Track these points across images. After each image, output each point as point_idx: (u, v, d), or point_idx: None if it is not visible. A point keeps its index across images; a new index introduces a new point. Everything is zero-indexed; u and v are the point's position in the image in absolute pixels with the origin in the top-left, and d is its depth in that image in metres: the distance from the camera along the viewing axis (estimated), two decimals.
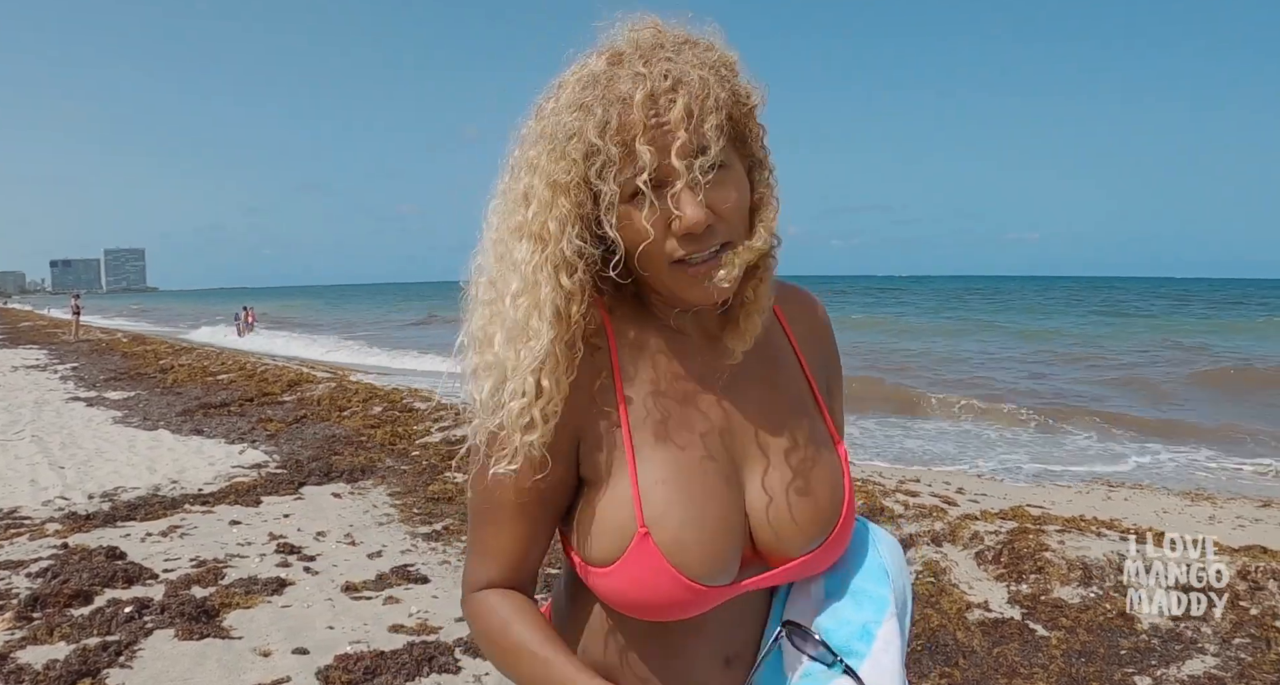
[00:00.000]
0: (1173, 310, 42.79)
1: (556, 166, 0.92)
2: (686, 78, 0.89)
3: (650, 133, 0.88)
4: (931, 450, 9.83)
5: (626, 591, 0.97)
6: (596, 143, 0.89)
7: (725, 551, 0.98)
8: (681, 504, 0.97)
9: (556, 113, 0.93)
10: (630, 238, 0.93)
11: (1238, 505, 6.91)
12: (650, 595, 0.96)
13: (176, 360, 16.31)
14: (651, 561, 0.95)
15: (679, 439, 1.00)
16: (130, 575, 4.61)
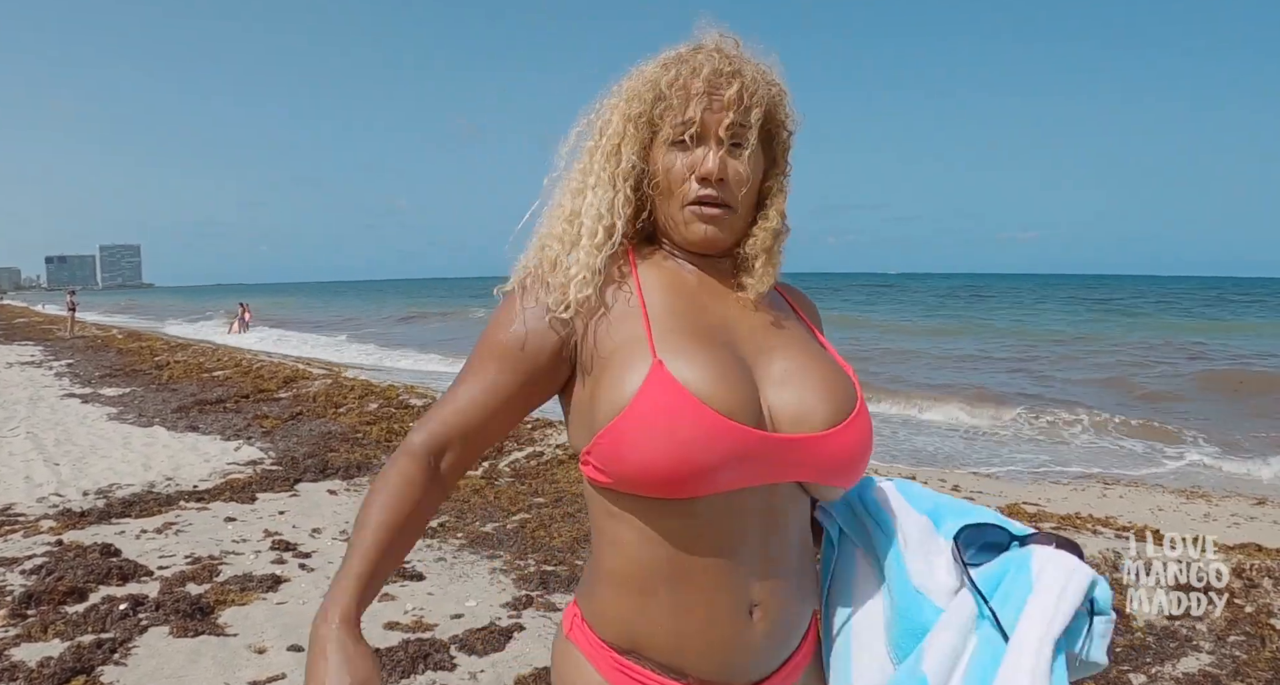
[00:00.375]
0: (1166, 309, 42.84)
1: (632, 104, 1.15)
2: (745, 73, 1.13)
3: (704, 98, 1.11)
4: (925, 449, 9.84)
5: (646, 430, 1.00)
6: (665, 91, 1.12)
7: (741, 390, 1.05)
8: (692, 348, 1.07)
9: (641, 72, 1.17)
10: (663, 170, 1.14)
11: (1233, 503, 6.92)
12: (671, 427, 0.99)
13: (172, 357, 16.27)
14: (667, 386, 1.01)
15: (685, 324, 1.12)
16: (125, 572, 4.61)
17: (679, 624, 1.08)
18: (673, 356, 1.04)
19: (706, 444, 1.00)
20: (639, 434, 1.00)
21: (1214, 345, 22.88)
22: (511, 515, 5.86)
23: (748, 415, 1.04)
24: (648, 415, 1.00)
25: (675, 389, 1.00)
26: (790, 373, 1.12)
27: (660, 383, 1.01)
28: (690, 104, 1.11)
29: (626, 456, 1.01)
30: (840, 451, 1.09)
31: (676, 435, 0.99)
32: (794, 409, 1.08)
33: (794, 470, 1.08)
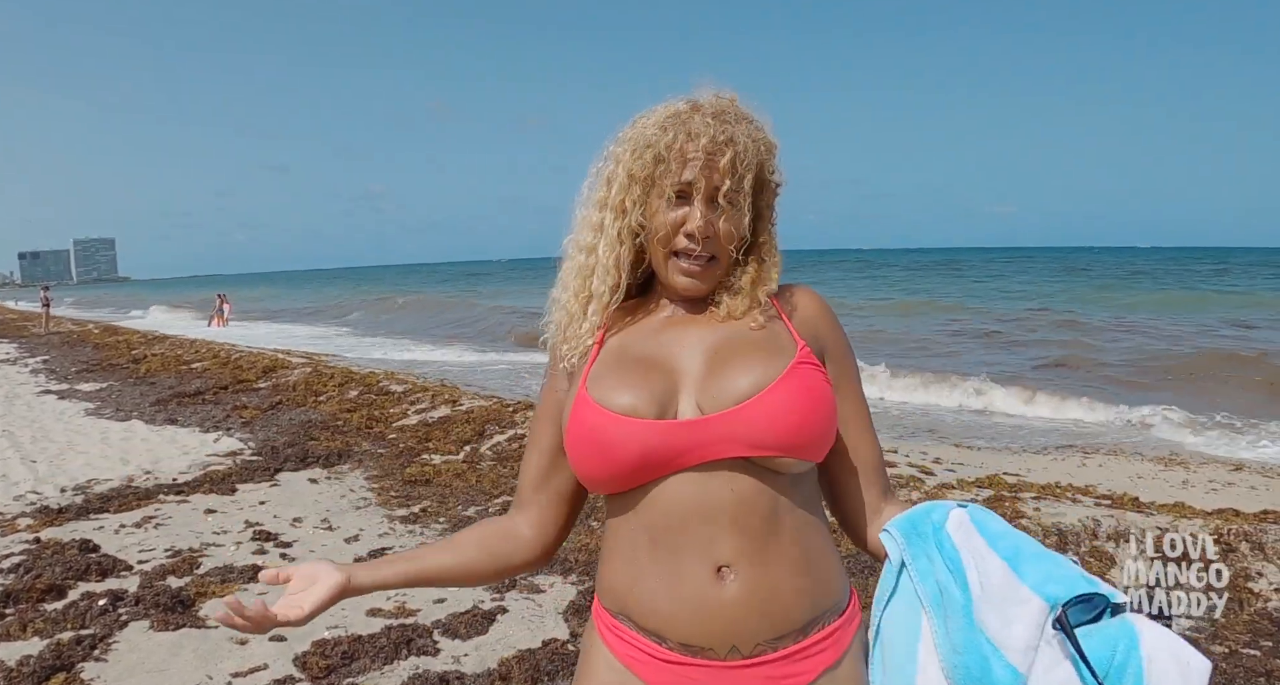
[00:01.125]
0: (1139, 282, 43.11)
1: (635, 162, 1.26)
2: (738, 142, 1.23)
3: (699, 162, 1.22)
4: (904, 423, 9.89)
5: (576, 445, 1.20)
6: (664, 154, 1.23)
7: (653, 391, 1.19)
8: (616, 379, 1.22)
9: (645, 127, 1.27)
10: (659, 223, 1.25)
11: (1210, 469, 6.99)
12: (591, 437, 1.18)
13: (149, 350, 16.13)
14: (585, 407, 1.20)
15: (631, 359, 1.26)
16: (104, 567, 4.57)
17: (653, 585, 1.18)
18: (596, 382, 1.23)
19: (622, 443, 1.16)
20: (574, 451, 1.22)
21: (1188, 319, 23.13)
22: (494, 499, 5.84)
23: (657, 410, 1.18)
24: (575, 433, 1.21)
25: (589, 406, 1.20)
26: (717, 364, 1.22)
27: (581, 405, 1.22)
28: (685, 168, 1.23)
29: (578, 470, 1.23)
30: (759, 421, 1.16)
31: (597, 443, 1.18)
32: (714, 393, 1.19)
33: (723, 446, 1.16)
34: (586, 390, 1.22)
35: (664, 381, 1.22)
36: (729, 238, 1.26)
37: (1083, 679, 1.00)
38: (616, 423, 1.18)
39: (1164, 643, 1.00)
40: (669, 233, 1.25)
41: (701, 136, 1.22)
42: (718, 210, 1.25)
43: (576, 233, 1.36)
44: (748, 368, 1.20)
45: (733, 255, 1.28)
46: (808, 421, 1.17)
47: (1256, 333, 18.91)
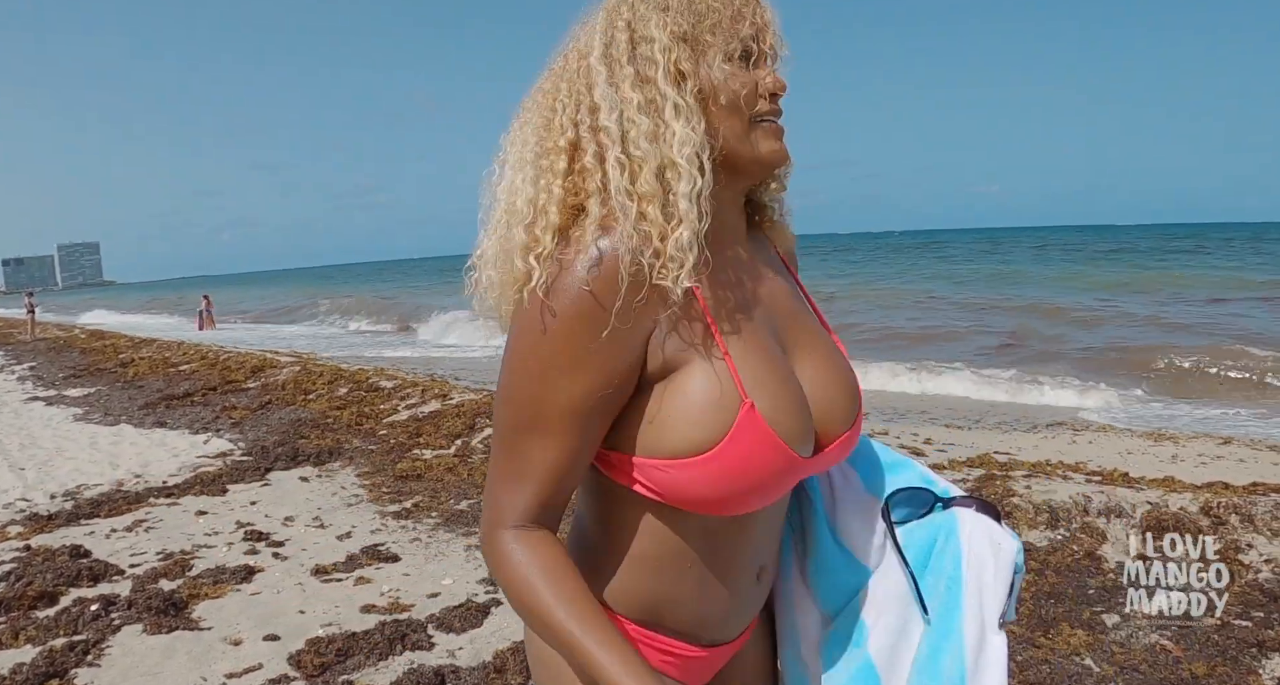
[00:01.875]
0: (1117, 258, 43.22)
1: (675, 20, 1.00)
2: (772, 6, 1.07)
3: (753, 18, 1.03)
4: (894, 405, 9.91)
5: (726, 476, 0.95)
6: (715, 5, 1.01)
7: (808, 417, 1.03)
8: (771, 374, 1.00)
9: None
10: (727, 89, 1.01)
11: (1199, 443, 7.01)
12: (754, 473, 0.96)
13: (136, 353, 16.04)
14: (757, 434, 0.95)
15: (747, 323, 1.03)
16: (96, 573, 4.54)
17: (695, 590, 1.08)
18: (757, 388, 0.97)
19: (779, 480, 1.00)
20: (719, 478, 0.96)
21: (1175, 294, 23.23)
22: None
23: (810, 439, 1.03)
24: (735, 462, 0.95)
25: (766, 437, 0.96)
26: (819, 370, 1.09)
27: (753, 430, 0.96)
28: (738, 19, 1.03)
29: (691, 491, 0.97)
30: (854, 442, 1.11)
31: (758, 478, 0.97)
32: (829, 414, 1.06)
33: (828, 465, 1.11)
34: (754, 406, 0.96)
35: (802, 395, 1.05)
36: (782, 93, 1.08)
37: (908, 581, 1.12)
38: (791, 461, 0.99)
39: (981, 528, 1.09)
40: (745, 96, 1.02)
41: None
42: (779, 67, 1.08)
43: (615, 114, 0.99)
44: (845, 382, 1.11)
45: None
46: None
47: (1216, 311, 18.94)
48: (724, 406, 0.95)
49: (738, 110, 1.02)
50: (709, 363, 0.97)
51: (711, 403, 0.95)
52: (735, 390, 0.96)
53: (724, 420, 0.95)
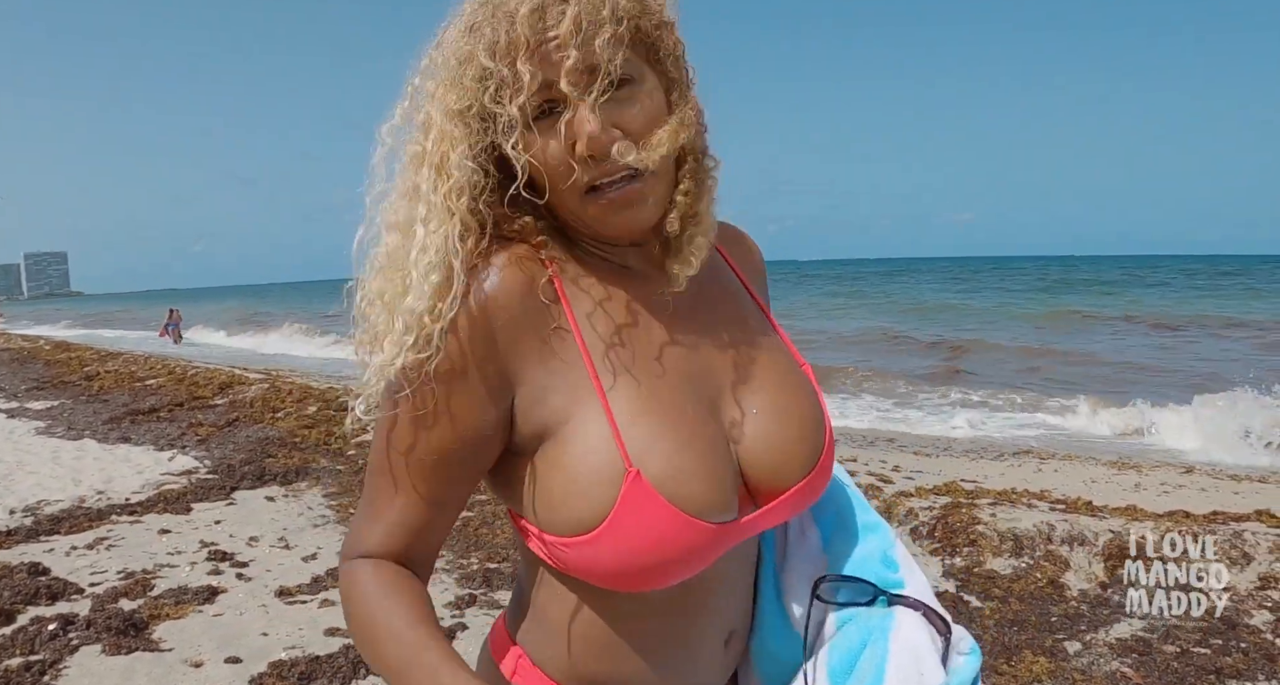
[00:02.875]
0: (1086, 287, 44.09)
1: (451, 95, 0.86)
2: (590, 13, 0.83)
3: (536, 51, 0.83)
4: (857, 430, 9.98)
5: (623, 552, 0.84)
6: (488, 65, 0.84)
7: (723, 480, 0.88)
8: (667, 434, 0.86)
9: (454, 39, 0.88)
10: (537, 166, 0.87)
11: (1162, 472, 7.12)
12: (654, 548, 0.83)
13: (102, 366, 15.82)
14: (649, 505, 0.83)
15: (646, 373, 0.90)
16: (54, 591, 4.47)
17: (655, 669, 0.96)
18: (647, 452, 0.85)
19: (694, 547, 0.86)
20: (617, 556, 0.84)
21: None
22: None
23: (731, 504, 0.89)
24: (627, 539, 0.84)
25: (660, 509, 0.83)
26: (765, 414, 0.94)
27: (640, 502, 0.83)
28: (524, 69, 0.83)
29: (597, 569, 0.87)
30: (809, 497, 0.97)
31: (662, 551, 0.84)
32: (776, 464, 0.93)
33: (772, 522, 0.96)
34: (640, 473, 0.83)
35: (721, 450, 0.90)
36: (647, 127, 0.87)
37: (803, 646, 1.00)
38: (700, 532, 0.85)
39: (914, 643, 0.93)
40: (560, 164, 0.86)
41: (522, 7, 0.83)
42: (606, 99, 0.84)
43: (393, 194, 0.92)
44: (800, 428, 0.95)
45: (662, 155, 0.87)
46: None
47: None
48: (605, 477, 0.84)
49: (557, 187, 0.88)
50: (589, 427, 0.86)
51: (591, 473, 0.85)
52: (618, 457, 0.84)
53: (607, 493, 0.83)
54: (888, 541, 1.03)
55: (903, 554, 1.02)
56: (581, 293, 0.92)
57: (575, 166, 0.86)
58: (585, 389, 0.87)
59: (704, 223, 0.94)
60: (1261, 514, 4.77)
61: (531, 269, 0.90)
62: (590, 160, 0.85)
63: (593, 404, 0.87)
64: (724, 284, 1.04)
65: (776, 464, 0.93)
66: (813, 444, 0.95)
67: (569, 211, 0.90)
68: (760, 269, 1.13)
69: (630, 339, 0.92)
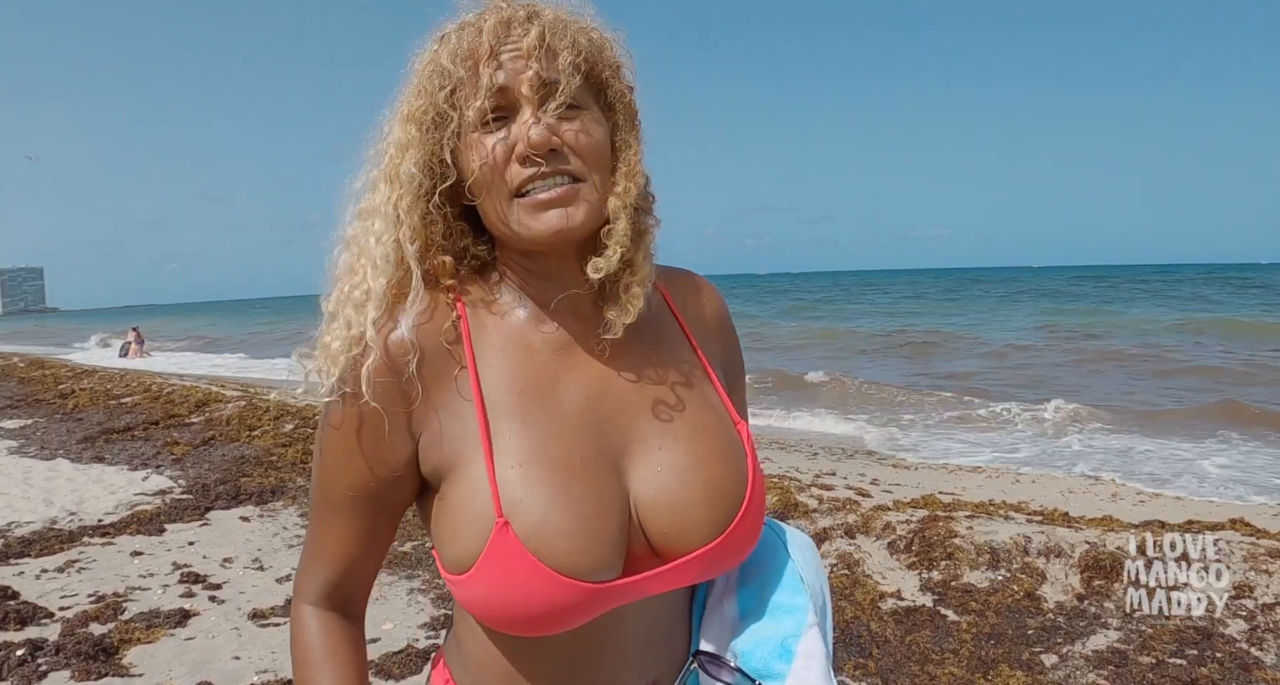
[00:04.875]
0: (1064, 298, 44.68)
1: (415, 100, 0.91)
2: (544, 13, 0.90)
3: (498, 57, 0.88)
4: (839, 447, 9.98)
5: (492, 598, 0.86)
6: (449, 67, 0.88)
7: (602, 539, 0.87)
8: (545, 487, 0.86)
9: (424, 52, 0.93)
10: (478, 162, 0.89)
11: (1137, 483, 7.17)
12: (519, 599, 0.85)
13: (77, 384, 15.64)
14: (514, 557, 0.84)
15: (541, 419, 0.91)
16: (24, 615, 4.39)
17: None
18: (520, 503, 0.86)
19: (563, 604, 0.86)
20: (486, 601, 0.87)
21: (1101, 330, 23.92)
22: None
23: (613, 563, 0.89)
24: (492, 587, 0.86)
25: (523, 560, 0.84)
26: (666, 470, 0.93)
27: (505, 552, 0.84)
28: (484, 71, 0.87)
29: (474, 605, 0.89)
30: (727, 557, 0.95)
31: (528, 602, 0.85)
32: (677, 524, 0.92)
33: (669, 584, 0.94)
34: (508, 524, 0.85)
35: (615, 498, 0.90)
36: (589, 148, 0.90)
37: None
38: (571, 591, 0.85)
39: None
40: (499, 166, 0.88)
41: (490, 19, 0.89)
42: (550, 112, 0.88)
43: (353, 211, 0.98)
44: (707, 493, 0.93)
45: (598, 178, 0.91)
46: (758, 534, 0.99)
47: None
48: (478, 524, 0.86)
49: (492, 187, 0.90)
50: (470, 471, 0.89)
51: (467, 518, 0.88)
52: (490, 506, 0.86)
53: (478, 539, 0.86)
54: (797, 630, 0.99)
55: (808, 647, 0.98)
56: (490, 336, 0.95)
57: (513, 165, 0.88)
58: (474, 435, 0.90)
59: (641, 272, 0.95)
60: (1236, 523, 4.80)
61: (440, 313, 0.94)
62: (528, 161, 0.87)
63: (477, 451, 0.89)
64: (659, 333, 1.03)
65: (678, 526, 0.92)
66: (721, 509, 0.93)
67: (501, 215, 0.91)
68: (716, 319, 1.10)
69: (533, 385, 0.93)
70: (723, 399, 1.02)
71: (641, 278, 0.95)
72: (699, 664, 0.99)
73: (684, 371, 1.01)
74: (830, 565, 4.60)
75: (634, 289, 0.95)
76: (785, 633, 0.99)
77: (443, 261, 0.96)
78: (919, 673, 3.55)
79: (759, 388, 13.98)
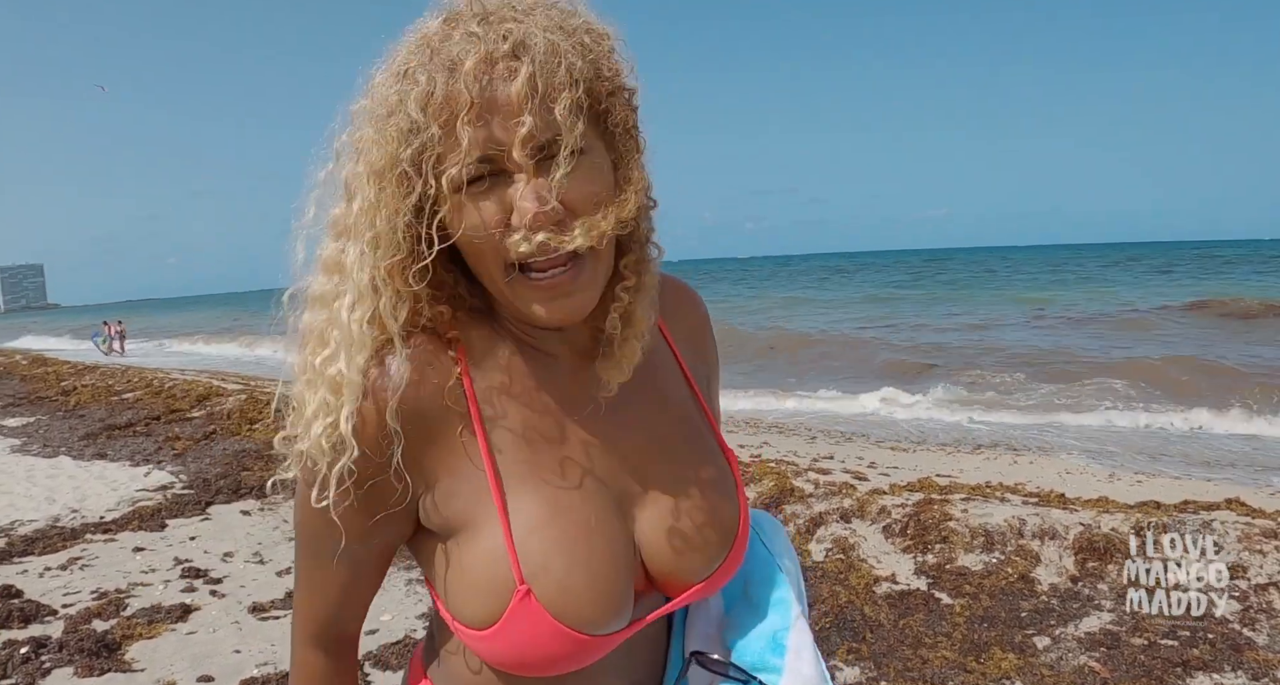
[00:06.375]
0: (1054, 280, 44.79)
1: (378, 152, 0.78)
2: (531, 42, 0.75)
3: (479, 110, 0.75)
4: (837, 429, 10.00)
5: (508, 653, 0.86)
6: (417, 119, 0.75)
7: (617, 593, 0.88)
8: (563, 550, 0.85)
9: (383, 84, 0.80)
10: (465, 230, 0.79)
11: (1135, 462, 7.19)
12: (537, 655, 0.86)
13: (79, 381, 15.68)
14: (536, 621, 0.84)
15: (552, 476, 0.88)
16: (27, 614, 4.43)
17: None
18: (540, 569, 0.84)
19: (577, 655, 0.88)
20: (502, 650, 0.87)
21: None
22: None
23: (624, 613, 0.90)
24: (514, 646, 0.86)
25: (546, 626, 0.84)
26: (668, 514, 0.93)
27: (527, 617, 0.84)
28: (463, 132, 0.75)
29: (487, 656, 0.90)
30: (715, 588, 0.99)
31: (545, 657, 0.86)
32: (679, 563, 0.93)
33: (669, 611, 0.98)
34: (530, 592, 0.84)
35: (624, 547, 0.90)
36: (594, 202, 0.80)
37: None
38: (588, 645, 0.87)
39: None
40: (491, 235, 0.79)
41: (467, 59, 0.75)
42: (552, 169, 0.77)
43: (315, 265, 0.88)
44: (703, 533, 0.94)
45: (607, 233, 0.81)
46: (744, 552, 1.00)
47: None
48: (497, 589, 0.85)
49: (483, 257, 0.82)
50: (485, 537, 0.86)
51: (485, 583, 0.86)
52: (510, 573, 0.84)
53: (497, 605, 0.85)
54: (785, 623, 1.00)
55: (797, 639, 0.99)
56: (493, 391, 0.89)
57: (508, 237, 0.79)
58: (486, 497, 0.86)
59: (640, 326, 0.90)
60: (1232, 503, 4.82)
61: (440, 368, 0.87)
62: (527, 235, 0.77)
63: (491, 514, 0.86)
64: (655, 364, 0.98)
65: (681, 564, 0.93)
66: (719, 543, 0.95)
67: (494, 286, 0.84)
68: (700, 328, 1.09)
69: (539, 439, 0.89)
70: (713, 428, 1.03)
71: (639, 332, 0.90)
72: (696, 663, 0.98)
73: (681, 407, 1.00)
74: (825, 550, 4.62)
75: (631, 343, 0.90)
76: (775, 627, 1.00)
77: (440, 312, 0.88)
78: (911, 656, 3.58)
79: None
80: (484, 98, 0.75)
